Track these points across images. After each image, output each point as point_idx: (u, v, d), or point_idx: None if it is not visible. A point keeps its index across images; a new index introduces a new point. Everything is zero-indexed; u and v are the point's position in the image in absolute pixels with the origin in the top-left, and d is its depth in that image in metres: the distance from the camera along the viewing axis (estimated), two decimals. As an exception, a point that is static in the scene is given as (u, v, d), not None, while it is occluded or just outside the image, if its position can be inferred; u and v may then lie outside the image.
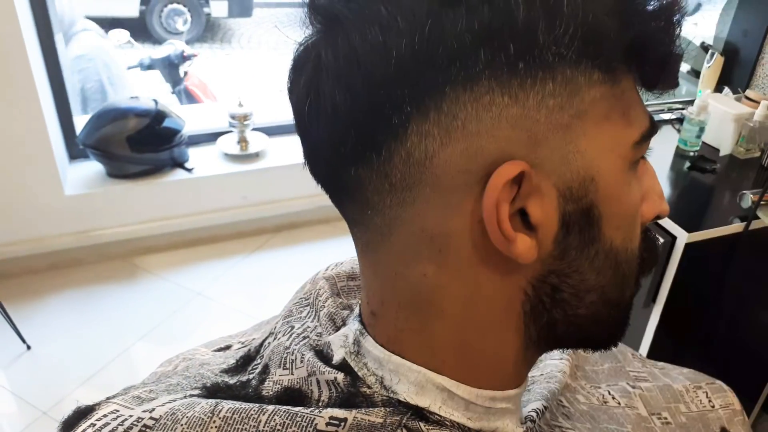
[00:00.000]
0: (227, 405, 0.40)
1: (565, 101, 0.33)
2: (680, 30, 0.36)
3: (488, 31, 0.31)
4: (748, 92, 1.79)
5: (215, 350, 0.60)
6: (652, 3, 0.35)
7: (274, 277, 2.36)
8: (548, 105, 0.33)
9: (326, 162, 0.38)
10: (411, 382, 0.40)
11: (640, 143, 0.37)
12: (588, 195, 0.35)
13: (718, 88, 1.89)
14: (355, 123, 0.34)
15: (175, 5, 5.21)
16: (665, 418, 0.64)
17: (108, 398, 0.44)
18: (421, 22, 0.32)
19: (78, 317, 2.13)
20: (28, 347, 1.98)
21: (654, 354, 1.48)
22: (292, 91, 0.38)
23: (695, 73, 2.04)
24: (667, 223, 1.40)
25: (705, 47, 1.98)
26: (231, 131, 2.51)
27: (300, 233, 2.58)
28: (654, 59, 0.36)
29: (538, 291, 0.37)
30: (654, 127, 0.38)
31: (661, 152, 1.73)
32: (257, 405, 0.40)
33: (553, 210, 0.35)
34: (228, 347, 0.60)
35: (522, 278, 0.37)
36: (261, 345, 0.50)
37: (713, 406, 0.67)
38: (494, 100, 0.32)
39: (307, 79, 0.36)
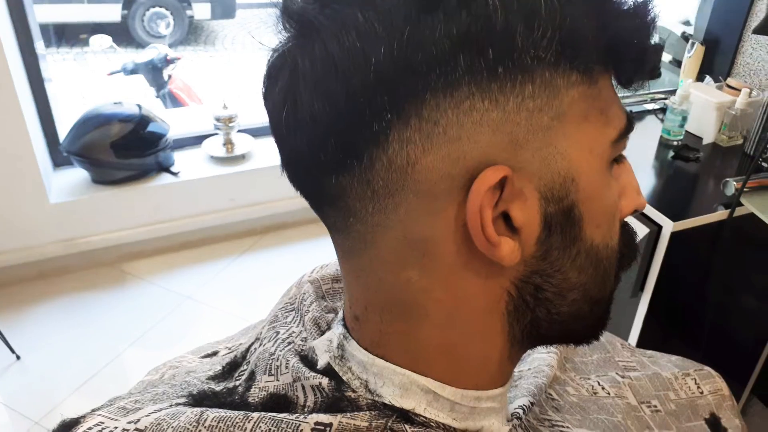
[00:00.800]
0: (212, 413, 0.39)
1: (545, 103, 0.33)
2: (655, 27, 0.36)
3: (467, 37, 0.31)
4: (729, 80, 1.80)
5: (202, 357, 0.60)
6: (627, 2, 0.35)
7: (264, 278, 2.36)
8: (528, 108, 0.33)
9: (306, 170, 0.37)
10: (395, 384, 0.40)
11: (617, 141, 0.38)
12: (569, 195, 0.35)
13: (700, 77, 1.91)
14: (334, 131, 0.34)
15: (157, 9, 5.18)
16: (655, 406, 0.64)
17: (93, 410, 0.44)
18: (399, 29, 0.31)
19: (67, 325, 2.11)
20: (18, 357, 1.96)
21: (643, 343, 1.49)
22: (267, 98, 0.38)
23: (677, 63, 2.05)
24: (652, 212, 1.40)
25: (685, 37, 1.99)
26: (216, 134, 2.50)
27: (289, 234, 2.58)
28: (631, 58, 0.36)
29: (522, 291, 0.38)
30: (631, 124, 0.39)
31: (644, 142, 1.74)
32: (242, 412, 0.39)
33: (536, 212, 0.35)
34: (215, 353, 0.60)
35: (505, 280, 0.37)
36: (247, 350, 0.50)
37: (702, 393, 0.68)
38: (474, 105, 0.32)
39: (284, 86, 0.36)
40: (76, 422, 0.42)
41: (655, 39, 0.37)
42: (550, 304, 0.38)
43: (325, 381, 0.41)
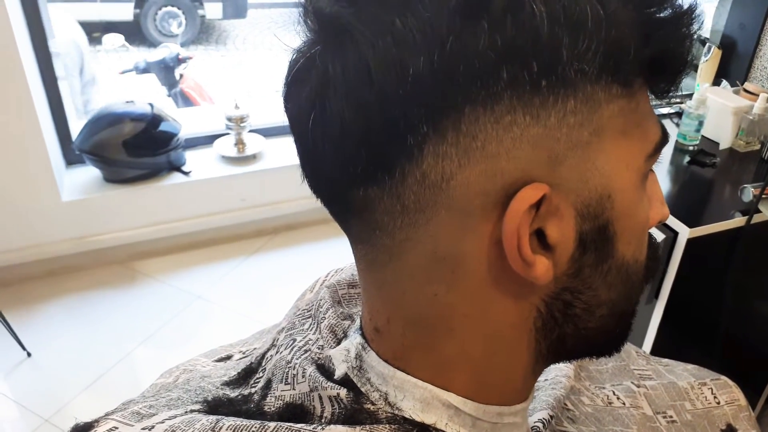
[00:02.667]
0: (228, 422, 0.39)
1: (585, 118, 0.32)
2: (695, 38, 0.35)
3: (512, 49, 0.30)
4: (747, 85, 1.78)
5: (216, 360, 0.60)
6: (668, 12, 0.34)
7: (275, 278, 2.35)
8: (569, 123, 0.32)
9: (331, 180, 0.36)
10: (416, 398, 0.39)
11: (652, 155, 0.37)
12: (605, 213, 0.34)
13: (716, 82, 1.89)
14: (366, 142, 0.32)
15: (169, 8, 5.21)
16: (670, 417, 0.63)
17: (107, 414, 0.44)
18: (440, 38, 0.30)
19: (78, 323, 2.12)
20: (29, 354, 1.97)
21: (658, 350, 1.48)
22: (291, 103, 0.36)
23: (693, 67, 2.03)
24: (668, 218, 1.39)
25: (702, 40, 1.97)
26: (228, 133, 2.50)
27: (299, 234, 2.58)
28: (673, 68, 0.35)
29: (551, 308, 0.37)
30: (666, 136, 0.38)
31: (660, 147, 1.72)
32: (259, 422, 0.39)
33: (571, 230, 0.34)
34: (229, 357, 0.59)
35: (536, 297, 0.36)
36: (263, 356, 0.50)
37: (719, 403, 0.67)
38: (515, 120, 0.31)
39: (312, 92, 0.34)
40: (90, 426, 0.42)
41: (692, 50, 0.36)
42: (579, 320, 0.38)
43: (343, 392, 0.40)
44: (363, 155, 0.33)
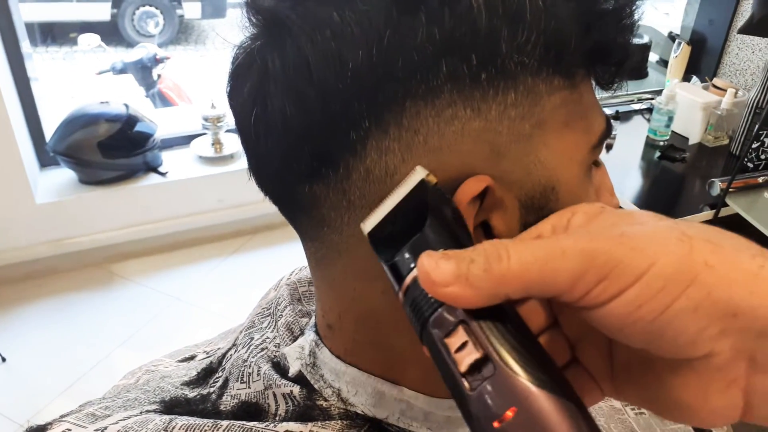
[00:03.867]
0: (181, 421, 0.39)
1: (527, 111, 0.32)
2: (637, 28, 0.35)
3: (450, 41, 0.30)
4: (716, 80, 1.81)
5: (179, 360, 0.59)
6: (609, 3, 0.34)
7: (254, 279, 2.34)
8: (510, 116, 0.32)
9: (276, 177, 0.36)
10: (368, 393, 0.39)
11: (597, 146, 0.37)
12: (549, 204, 0.34)
13: (686, 78, 1.91)
14: (308, 138, 0.32)
15: (147, 8, 5.15)
16: (638, 409, 0.64)
17: (62, 416, 0.43)
18: (378, 32, 0.30)
19: (54, 327, 2.09)
20: (3, 359, 1.94)
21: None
22: (233, 98, 0.36)
23: (663, 63, 2.05)
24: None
25: (672, 37, 1.99)
26: (205, 133, 2.49)
27: (278, 234, 2.56)
28: (615, 58, 0.35)
29: None
30: (609, 127, 0.38)
31: (631, 142, 1.74)
32: (212, 420, 0.39)
33: (515, 222, 0.34)
34: (192, 357, 0.59)
35: None
36: (224, 356, 0.50)
37: None
38: (456, 114, 0.31)
39: (252, 87, 0.34)
40: (43, 428, 0.42)
41: (638, 38, 0.36)
42: None
43: (296, 389, 0.40)
44: (306, 151, 0.33)
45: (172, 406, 0.44)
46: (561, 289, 0.24)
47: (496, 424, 0.23)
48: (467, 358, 0.24)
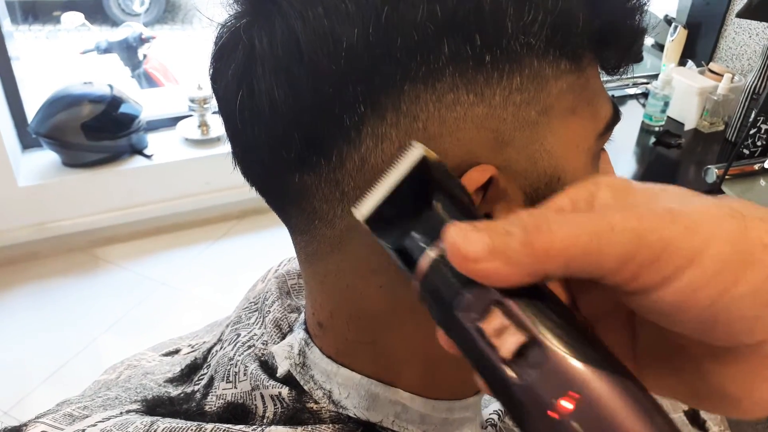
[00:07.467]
0: (163, 425, 0.37)
1: (532, 96, 0.30)
2: (646, 10, 0.33)
3: (453, 20, 0.28)
4: (712, 65, 1.79)
5: (163, 354, 0.57)
6: None
7: (241, 264, 2.32)
8: (515, 102, 0.30)
9: (263, 165, 0.34)
10: (361, 396, 0.37)
11: (604, 134, 0.35)
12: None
13: (682, 62, 1.89)
14: (298, 124, 0.30)
15: (132, -15, 5.05)
16: None
17: (38, 416, 0.41)
18: (375, 8, 0.28)
19: (38, 313, 2.06)
20: (-14, 346, 1.92)
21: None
22: (216, 82, 0.34)
23: (659, 47, 2.03)
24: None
25: (668, 20, 1.97)
26: (191, 115, 2.45)
27: (266, 218, 2.54)
28: (623, 41, 0.33)
29: None
30: (617, 114, 0.36)
31: (626, 128, 1.72)
32: (196, 424, 0.37)
33: None
34: (177, 351, 0.57)
35: None
36: (209, 351, 0.48)
37: None
38: (458, 99, 0.29)
39: (238, 69, 0.31)
40: (18, 430, 0.40)
41: (644, 22, 0.34)
42: None
43: (285, 390, 0.38)
44: (296, 138, 0.30)
45: (154, 406, 0.42)
46: (607, 269, 0.21)
47: (550, 413, 0.21)
48: (509, 342, 0.22)
